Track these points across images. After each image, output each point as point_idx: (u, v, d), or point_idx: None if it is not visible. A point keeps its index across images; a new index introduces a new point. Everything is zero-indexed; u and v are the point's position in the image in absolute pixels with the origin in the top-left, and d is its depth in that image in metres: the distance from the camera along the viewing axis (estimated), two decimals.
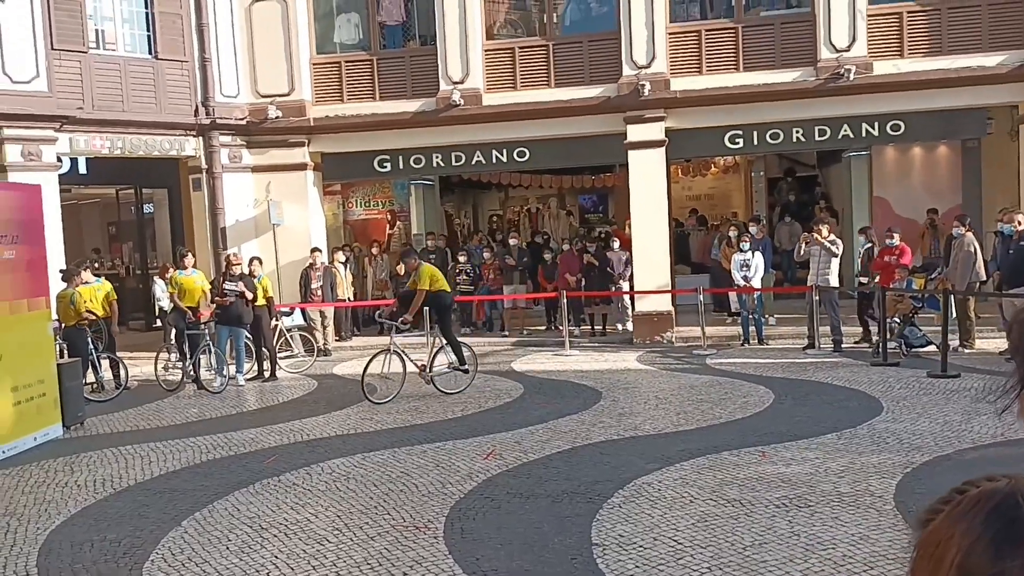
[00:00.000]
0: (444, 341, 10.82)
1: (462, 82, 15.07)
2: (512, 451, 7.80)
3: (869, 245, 13.55)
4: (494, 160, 15.56)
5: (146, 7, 14.76)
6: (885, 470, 6.71)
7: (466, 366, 10.71)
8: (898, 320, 12.04)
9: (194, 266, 12.78)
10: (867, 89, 13.86)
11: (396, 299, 11.41)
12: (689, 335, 14.34)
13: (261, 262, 13.15)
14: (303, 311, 14.66)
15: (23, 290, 9.00)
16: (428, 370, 10.62)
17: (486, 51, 15.24)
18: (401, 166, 15.87)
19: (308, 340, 14.00)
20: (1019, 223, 11.63)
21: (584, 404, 9.79)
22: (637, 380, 11.38)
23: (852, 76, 13.70)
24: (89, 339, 11.51)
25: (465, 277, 16.03)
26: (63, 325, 11.25)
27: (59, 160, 14.02)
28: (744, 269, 13.81)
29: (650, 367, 12.33)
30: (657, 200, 14.67)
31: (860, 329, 13.17)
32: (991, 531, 0.89)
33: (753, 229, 15.05)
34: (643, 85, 14.17)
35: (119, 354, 12.12)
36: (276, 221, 15.39)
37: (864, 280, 13.36)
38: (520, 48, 15.26)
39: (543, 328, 16.11)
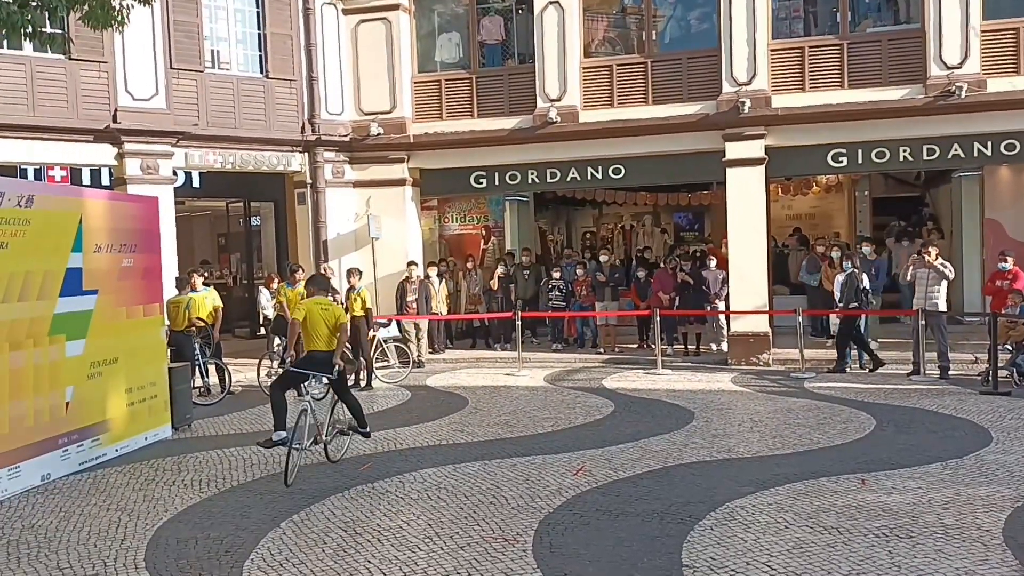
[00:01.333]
0: (338, 399, 8.56)
1: (559, 99, 15.19)
2: (602, 468, 7.78)
3: (852, 271, 13.18)
4: (589, 177, 15.59)
5: (259, 28, 15.43)
6: (994, 503, 6.43)
7: (367, 429, 8.55)
8: (1011, 347, 11.50)
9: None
10: (980, 107, 13.35)
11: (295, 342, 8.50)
12: (786, 357, 14.00)
13: (361, 274, 13.48)
14: (398, 323, 14.96)
15: (140, 296, 9.48)
16: (324, 435, 8.30)
17: (584, 68, 15.32)
18: (497, 182, 16.08)
19: (403, 352, 14.28)
20: None
21: (676, 424, 9.68)
22: (731, 401, 11.18)
23: (964, 94, 13.21)
24: (196, 344, 12.05)
25: (557, 293, 16.09)
26: (171, 330, 11.78)
27: (175, 174, 14.75)
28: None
29: (745, 389, 12.10)
30: (755, 219, 14.42)
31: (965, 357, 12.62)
32: None
33: (867, 250, 14.61)
34: (743, 102, 13.99)
35: (224, 360, 12.63)
36: (375, 235, 15.79)
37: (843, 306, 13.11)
38: (618, 65, 15.28)
39: (635, 346, 16.00)
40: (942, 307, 12.51)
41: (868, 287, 13.21)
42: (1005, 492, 6.70)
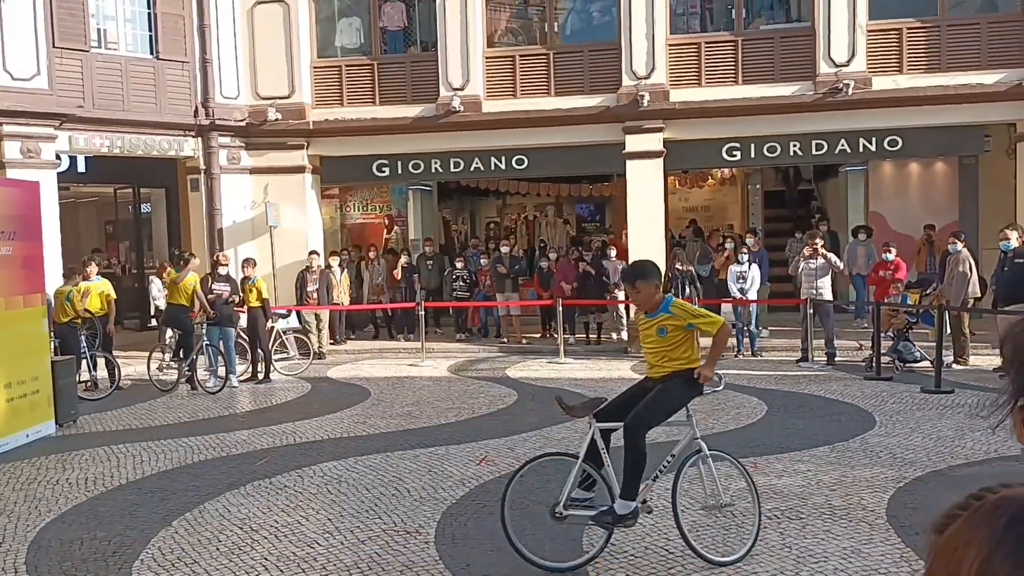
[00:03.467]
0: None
1: (462, 89, 15.12)
2: (505, 457, 7.79)
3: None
4: (492, 167, 15.59)
5: (148, 7, 14.79)
6: (877, 484, 6.72)
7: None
8: (892, 335, 12.07)
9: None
10: (865, 104, 13.93)
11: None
12: None
13: (255, 264, 13.12)
14: (298, 314, 14.64)
15: (19, 286, 8.98)
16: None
17: (487, 58, 15.29)
18: (400, 171, 15.90)
19: (303, 343, 13.99)
20: (1012, 239, 11.64)
21: None
22: None
23: (851, 91, 13.77)
24: (82, 337, 11.50)
25: (461, 283, 16.05)
26: (55, 322, 11.22)
27: (58, 158, 14.02)
28: (740, 281, 13.83)
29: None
30: (654, 210, 14.70)
31: (855, 344, 13.20)
32: (1011, 537, 0.88)
33: (750, 241, 15.09)
34: (642, 96, 14.22)
35: (113, 353, 12.10)
36: (273, 223, 15.39)
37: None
38: (521, 56, 15.31)
39: (538, 335, 16.11)
40: (828, 296, 13.03)
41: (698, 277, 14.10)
42: (888, 473, 7.01)
